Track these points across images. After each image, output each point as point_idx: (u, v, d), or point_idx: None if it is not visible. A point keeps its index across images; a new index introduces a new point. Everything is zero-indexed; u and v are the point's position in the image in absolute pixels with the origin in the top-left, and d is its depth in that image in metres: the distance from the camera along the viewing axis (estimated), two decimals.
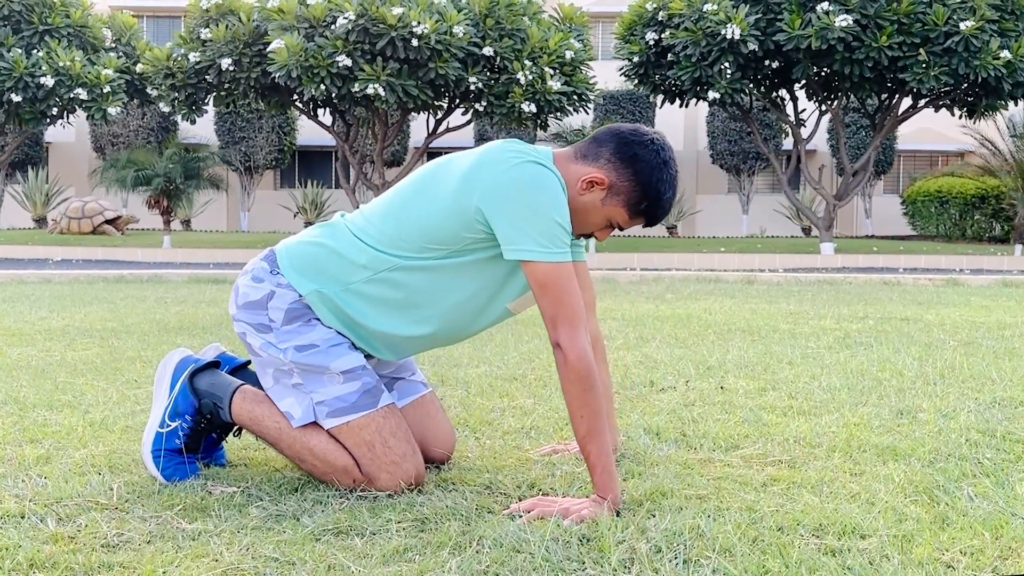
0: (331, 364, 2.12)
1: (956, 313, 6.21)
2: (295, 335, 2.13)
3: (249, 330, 2.18)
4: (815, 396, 3.19)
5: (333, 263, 2.15)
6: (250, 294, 2.18)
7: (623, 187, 2.09)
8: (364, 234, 2.14)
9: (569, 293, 1.99)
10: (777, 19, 13.03)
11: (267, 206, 23.34)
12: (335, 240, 2.17)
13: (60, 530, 1.83)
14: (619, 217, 2.12)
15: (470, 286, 2.13)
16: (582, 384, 1.97)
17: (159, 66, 14.14)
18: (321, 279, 2.15)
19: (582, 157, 2.12)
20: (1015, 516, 1.89)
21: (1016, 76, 12.88)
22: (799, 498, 2.02)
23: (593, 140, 2.13)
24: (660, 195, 2.10)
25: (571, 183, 2.08)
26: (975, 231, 18.47)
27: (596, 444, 1.96)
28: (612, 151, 2.09)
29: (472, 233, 2.05)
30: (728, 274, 10.68)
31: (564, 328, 1.98)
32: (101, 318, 5.77)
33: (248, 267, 2.24)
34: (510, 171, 1.99)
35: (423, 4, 12.82)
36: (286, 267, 2.18)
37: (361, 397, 2.11)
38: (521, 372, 3.71)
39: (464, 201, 2.02)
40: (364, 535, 1.82)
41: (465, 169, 2.05)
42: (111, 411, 2.93)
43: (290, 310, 2.15)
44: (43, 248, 14.93)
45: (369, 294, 2.14)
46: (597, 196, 2.09)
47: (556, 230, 1.99)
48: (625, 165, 2.09)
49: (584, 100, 14.62)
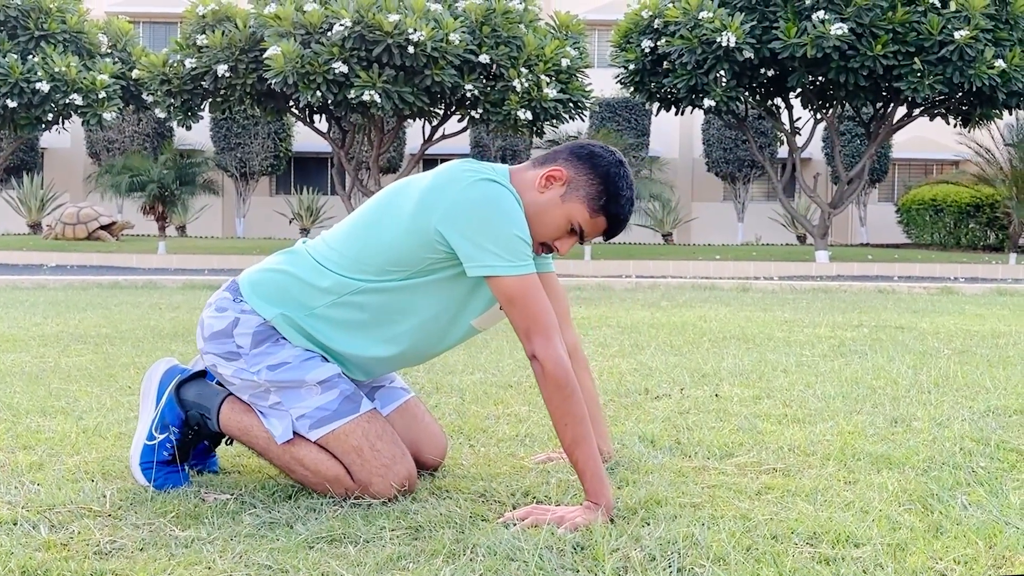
0: (306, 376, 2.12)
1: (951, 321, 6.22)
2: (265, 356, 2.13)
3: (219, 361, 2.17)
4: (810, 404, 3.19)
5: (296, 289, 2.16)
6: (215, 324, 2.18)
7: (582, 181, 2.11)
8: (326, 260, 2.16)
9: (537, 303, 2.00)
10: (773, 27, 13.07)
11: (263, 212, 23.33)
12: (297, 267, 2.18)
13: (53, 537, 1.82)
14: (579, 215, 2.12)
15: (434, 305, 2.15)
16: (561, 392, 1.97)
17: (155, 72, 14.14)
18: (285, 305, 2.16)
19: (539, 164, 2.16)
20: (1009, 525, 1.89)
21: (1010, 85, 12.92)
22: (793, 506, 2.02)
23: (549, 152, 2.19)
24: (619, 190, 2.12)
25: (529, 186, 2.11)
26: (970, 239, 18.51)
27: (583, 450, 1.97)
28: (568, 151, 2.16)
29: (433, 253, 2.07)
30: (723, 282, 10.69)
31: (538, 339, 1.99)
32: (95, 324, 5.76)
33: (211, 300, 2.25)
34: (465, 190, 2.02)
35: (419, 11, 12.84)
36: (249, 294, 2.18)
37: (342, 404, 2.11)
38: (516, 379, 3.71)
39: (422, 223, 2.04)
40: (358, 543, 1.81)
41: (422, 191, 2.07)
42: (105, 417, 2.92)
43: (257, 333, 2.15)
44: (38, 254, 14.90)
45: (334, 317, 2.15)
46: (556, 192, 2.11)
47: (516, 243, 2.01)
48: (582, 161, 2.13)
49: (580, 108, 14.64)
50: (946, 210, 18.66)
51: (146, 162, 16.93)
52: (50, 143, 22.82)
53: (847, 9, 12.58)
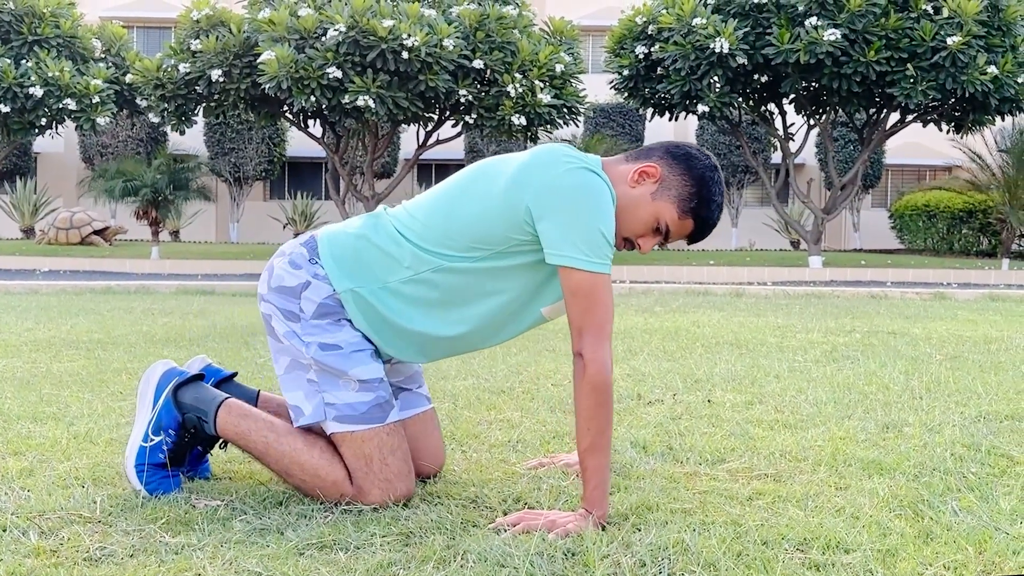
0: (350, 370, 2.10)
1: (943, 327, 6.24)
2: (322, 332, 2.11)
3: (276, 314, 2.15)
4: (802, 410, 3.19)
5: (374, 258, 2.12)
6: (285, 279, 2.15)
7: (675, 181, 2.09)
8: (408, 230, 2.12)
9: (601, 305, 1.98)
10: (766, 33, 13.10)
11: (257, 217, 23.31)
12: (378, 235, 2.14)
13: (42, 543, 1.82)
14: (668, 215, 2.09)
15: (509, 290, 2.11)
16: (597, 397, 1.95)
17: (149, 77, 14.12)
18: (360, 276, 2.12)
19: (633, 159, 2.14)
20: (999, 530, 1.90)
21: (1003, 91, 12.97)
22: (784, 512, 2.02)
23: (644, 148, 2.17)
24: (711, 194, 2.10)
25: (621, 179, 2.09)
26: (963, 245, 18.56)
27: (597, 459, 1.95)
28: (664, 149, 2.13)
29: (519, 234, 2.03)
30: (717, 287, 10.70)
31: (589, 338, 1.97)
32: (88, 329, 5.74)
33: (286, 249, 2.21)
34: (564, 175, 1.99)
35: (414, 17, 12.85)
36: (326, 257, 2.14)
37: (371, 409, 2.10)
38: (508, 385, 3.71)
39: (514, 200, 2.01)
40: (348, 549, 1.81)
41: (518, 167, 2.04)
42: (96, 423, 2.91)
43: (322, 305, 2.12)
44: (31, 259, 14.87)
45: (406, 293, 2.12)
46: (648, 189, 2.09)
47: (600, 240, 1.98)
48: (678, 161, 2.11)
49: (574, 113, 14.66)
50: (939, 216, 18.72)
51: (140, 167, 16.90)
52: (43, 148, 22.79)
53: (840, 15, 12.62)
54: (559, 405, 3.29)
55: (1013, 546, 1.81)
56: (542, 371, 4.09)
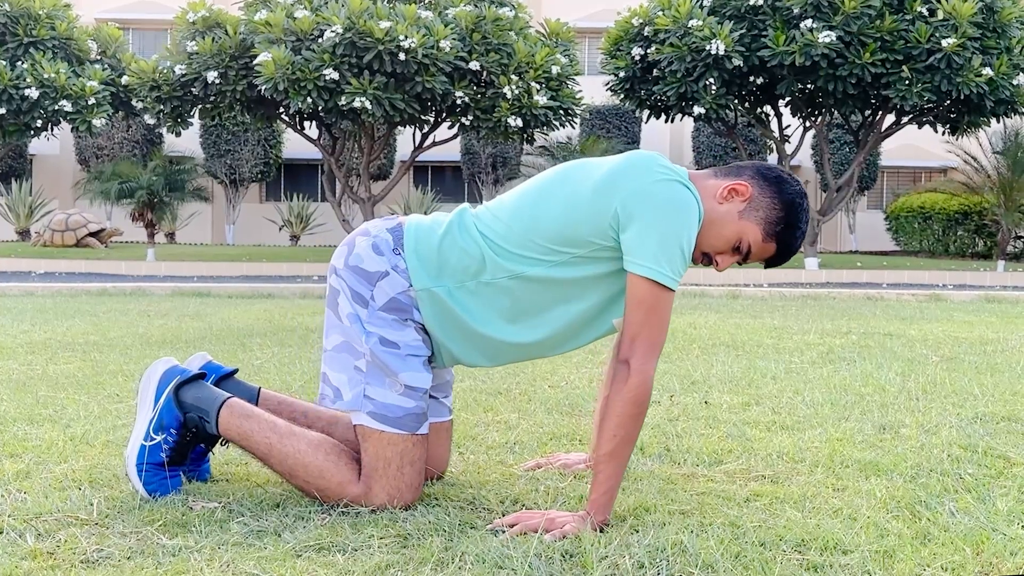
0: (401, 373, 2.09)
1: (939, 328, 6.24)
2: (386, 326, 2.10)
3: (346, 292, 2.13)
4: (798, 411, 3.20)
5: (455, 259, 2.10)
6: (364, 260, 2.13)
7: (764, 203, 2.07)
8: (491, 231, 2.10)
9: (661, 320, 1.97)
10: (761, 35, 13.13)
11: (253, 219, 23.28)
12: (462, 235, 2.12)
13: (39, 546, 1.81)
14: (752, 235, 2.07)
15: (585, 300, 2.10)
16: (633, 408, 1.94)
17: (145, 78, 14.11)
18: (439, 275, 2.11)
19: (723, 175, 2.11)
20: (996, 531, 1.90)
21: (998, 93, 13.00)
22: (782, 513, 2.02)
23: (734, 166, 2.15)
24: (798, 221, 2.09)
25: (709, 194, 2.07)
26: (958, 247, 18.59)
27: (612, 467, 1.95)
28: (756, 170, 2.11)
29: (602, 239, 2.01)
30: (713, 288, 10.71)
31: (641, 349, 1.96)
32: (83, 331, 5.73)
33: (371, 229, 2.18)
34: (658, 184, 1.97)
35: (410, 18, 12.85)
36: (411, 251, 2.13)
37: (407, 416, 2.09)
38: (506, 387, 3.71)
39: (603, 203, 1.99)
40: (346, 551, 1.81)
41: (609, 171, 2.02)
42: (92, 425, 2.91)
43: (395, 299, 2.11)
44: (26, 261, 14.84)
45: (483, 296, 2.10)
46: (736, 207, 2.07)
47: (678, 256, 1.96)
48: (769, 183, 2.09)
49: (570, 115, 14.67)
50: (935, 217, 18.75)
51: (135, 169, 16.86)
52: (39, 150, 22.75)
53: (835, 17, 12.65)
54: (556, 407, 3.29)
55: (1010, 547, 1.81)
56: (539, 373, 4.09)
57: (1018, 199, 16.03)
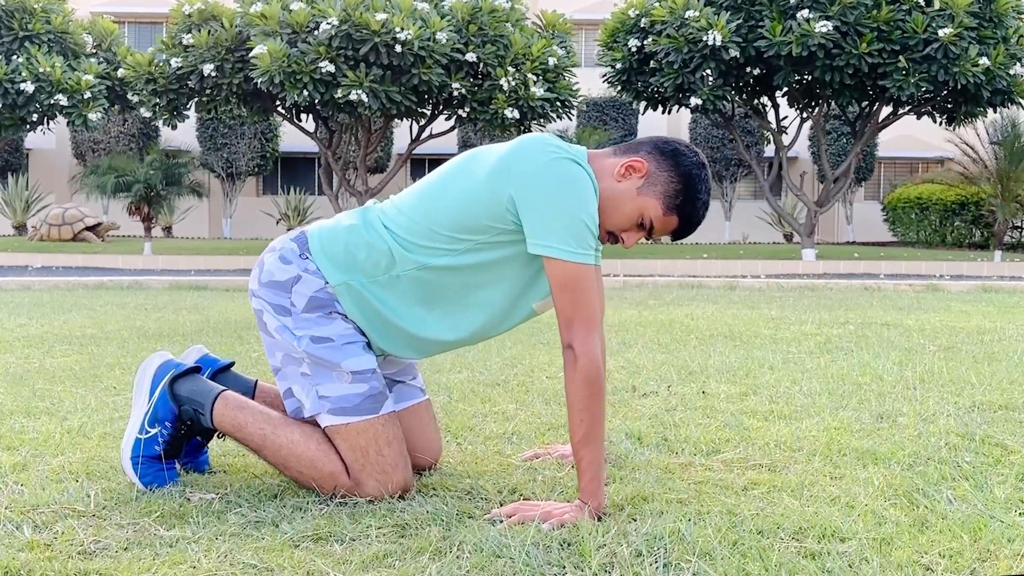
0: (343, 362, 2.10)
1: (936, 318, 6.25)
2: (313, 325, 2.11)
3: (268, 309, 2.15)
4: (796, 401, 3.20)
5: (363, 254, 2.12)
6: (275, 273, 2.15)
7: (662, 177, 2.08)
8: (395, 224, 2.12)
9: (588, 296, 1.98)
10: (758, 26, 13.10)
11: (249, 213, 23.26)
12: (367, 230, 2.13)
13: (36, 537, 1.81)
14: (652, 211, 2.09)
15: (496, 286, 2.12)
16: (589, 388, 1.95)
17: (140, 72, 14.07)
18: (351, 270, 2.12)
19: (621, 152, 2.13)
20: (993, 519, 1.90)
21: (995, 83, 12.99)
22: (779, 502, 2.03)
23: (632, 142, 2.16)
24: (697, 192, 2.10)
25: (607, 173, 2.08)
26: (955, 237, 18.60)
27: (591, 450, 1.95)
28: (652, 144, 2.12)
29: (501, 223, 2.03)
30: (710, 280, 10.71)
31: (579, 330, 1.97)
32: (81, 325, 5.73)
33: (276, 244, 2.21)
34: (548, 164, 1.98)
35: (406, 10, 12.82)
36: (317, 252, 2.14)
37: (365, 401, 2.09)
38: (503, 378, 3.71)
39: (498, 188, 2.01)
40: (344, 541, 1.80)
41: (501, 156, 2.03)
42: (89, 418, 2.91)
43: (313, 298, 2.12)
44: (23, 255, 14.82)
45: (396, 289, 2.12)
46: (634, 184, 2.08)
47: (583, 231, 1.98)
48: (665, 157, 2.10)
49: (567, 107, 14.65)
50: (931, 208, 18.76)
51: (132, 163, 16.84)
52: (35, 144, 22.70)
53: (831, 8, 12.63)
54: (554, 397, 3.29)
55: (1008, 534, 1.81)
56: (537, 363, 4.09)
57: (1015, 189, 16.03)
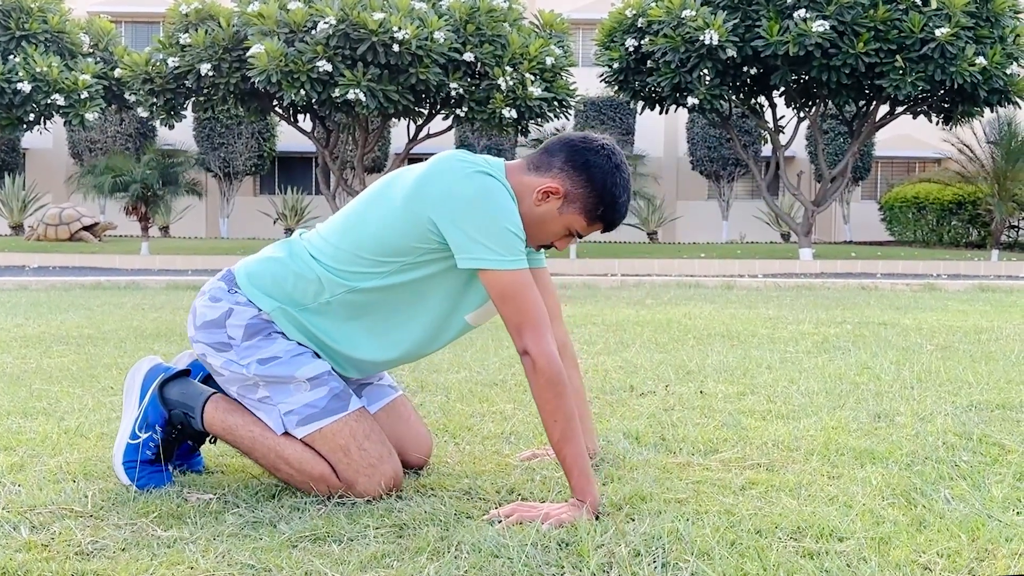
0: (296, 372, 2.11)
1: (933, 318, 6.26)
2: (255, 349, 2.12)
3: (208, 350, 2.16)
4: (793, 400, 3.20)
5: (290, 283, 2.14)
6: (207, 314, 2.17)
7: (578, 194, 2.09)
8: (320, 253, 2.14)
9: (529, 299, 1.99)
10: (755, 26, 13.11)
11: (247, 212, 23.23)
12: (293, 260, 2.16)
13: (34, 538, 1.81)
14: (577, 224, 2.12)
15: (427, 303, 2.14)
16: (553, 389, 1.97)
17: (138, 71, 14.06)
18: (282, 299, 2.14)
19: (535, 168, 2.12)
20: (991, 518, 1.90)
21: (992, 83, 13.00)
22: (777, 501, 2.03)
23: (544, 151, 2.14)
24: (615, 199, 2.11)
25: (525, 194, 2.09)
26: (952, 237, 18.62)
27: (571, 447, 1.96)
28: (564, 159, 2.10)
29: (424, 243, 2.05)
30: (708, 279, 10.72)
31: (529, 334, 1.98)
32: (78, 325, 5.72)
33: (205, 288, 2.23)
34: (460, 181, 2.00)
35: (404, 9, 12.81)
36: (245, 285, 2.17)
37: (331, 401, 2.10)
38: (501, 377, 3.71)
39: (416, 210, 2.03)
40: (342, 541, 1.80)
41: (416, 179, 2.05)
42: (86, 418, 2.90)
43: (249, 325, 2.13)
44: (20, 255, 14.79)
45: (329, 313, 2.14)
46: (554, 206, 2.10)
47: (509, 238, 1.99)
48: (578, 172, 2.09)
49: (565, 106, 14.65)
50: (928, 208, 18.77)
51: (129, 162, 16.83)
52: (32, 144, 22.66)
53: (828, 7, 12.63)
54: None
55: (1006, 533, 1.82)
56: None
57: (1012, 188, 16.06)
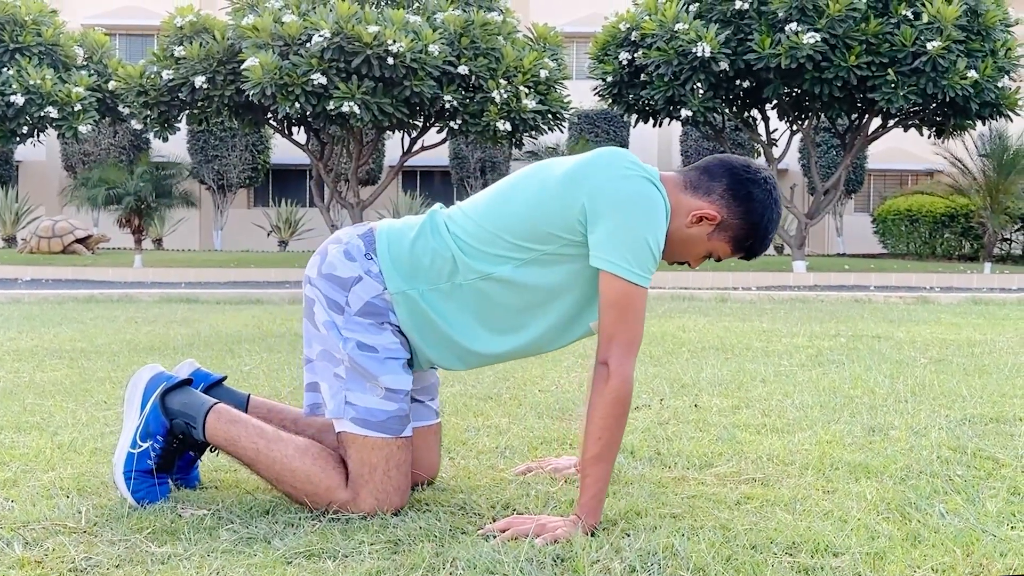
0: (381, 376, 2.08)
1: (927, 330, 6.27)
2: (363, 330, 2.09)
3: (321, 300, 2.13)
4: (788, 414, 3.20)
5: (428, 260, 2.10)
6: (337, 267, 2.13)
7: (733, 224, 2.08)
8: (461, 229, 2.10)
9: (636, 318, 1.97)
10: (747, 39, 13.17)
11: (240, 225, 23.21)
12: (434, 236, 2.11)
13: (27, 554, 1.80)
14: (721, 251, 2.12)
15: (555, 305, 2.10)
16: (616, 409, 1.95)
17: (132, 83, 14.06)
18: (413, 277, 2.10)
19: (692, 188, 2.09)
20: (986, 533, 1.91)
21: (983, 96, 13.07)
22: (772, 516, 2.03)
23: (705, 172, 2.11)
24: (767, 234, 2.11)
25: (679, 213, 2.07)
26: (945, 249, 18.68)
27: (600, 469, 1.94)
28: (726, 187, 2.08)
29: (568, 233, 2.01)
30: (702, 292, 10.73)
31: (618, 349, 1.97)
32: (71, 338, 5.70)
33: (343, 237, 2.18)
34: (624, 180, 1.98)
35: (398, 23, 12.85)
36: (383, 254, 2.12)
37: (390, 420, 2.08)
38: (496, 391, 3.71)
39: (570, 196, 1.99)
40: (336, 558, 1.80)
41: (577, 164, 2.03)
42: (80, 433, 2.89)
43: (369, 303, 2.10)
44: (12, 268, 14.75)
45: (456, 299, 2.10)
46: (705, 230, 2.08)
47: (647, 253, 1.97)
48: (738, 203, 2.07)
49: (559, 119, 14.69)
50: (921, 220, 18.83)
51: (122, 174, 16.80)
52: (25, 156, 22.64)
53: (820, 20, 12.71)
54: (547, 411, 3.29)
55: (1000, 548, 1.82)
56: (529, 376, 4.08)
57: (1004, 201, 16.12)
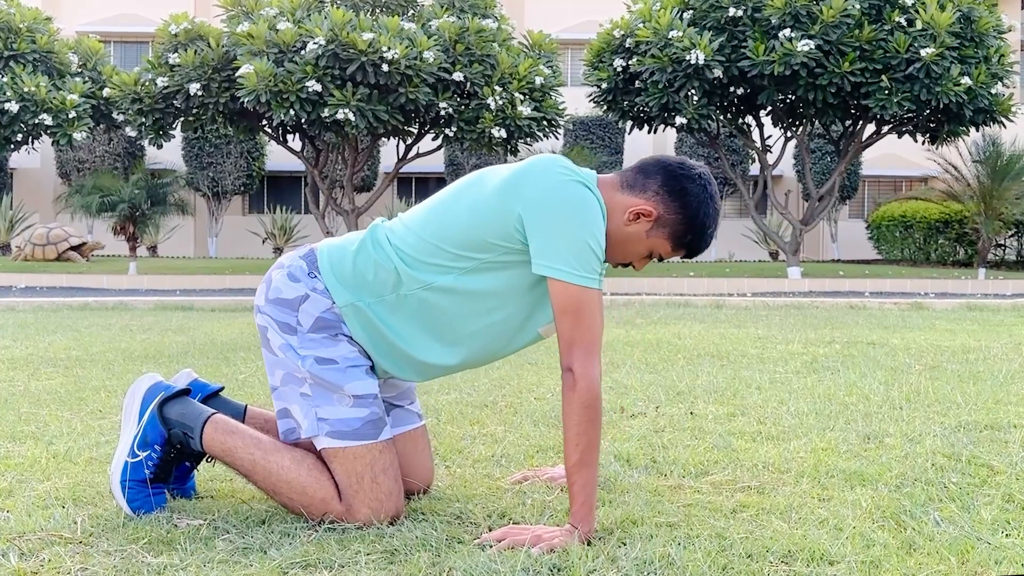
0: (345, 385, 2.09)
1: (921, 337, 6.28)
2: (318, 346, 2.11)
3: (273, 326, 2.15)
4: (783, 421, 3.21)
5: (371, 273, 2.12)
6: (283, 291, 2.15)
7: (670, 220, 2.10)
8: (402, 242, 2.12)
9: (591, 320, 1.98)
10: (741, 46, 13.20)
11: (235, 232, 23.19)
12: (375, 249, 2.13)
13: (22, 565, 1.79)
14: (662, 248, 2.13)
15: (501, 312, 2.11)
16: (587, 413, 1.96)
17: (126, 91, 14.05)
18: (358, 291, 2.12)
19: (628, 187, 2.11)
20: (981, 540, 1.91)
21: (977, 102, 13.11)
22: (768, 524, 2.03)
23: (640, 171, 2.13)
24: (705, 228, 2.12)
25: (616, 212, 2.09)
26: (939, 255, 18.72)
27: (585, 475, 1.95)
28: (660, 183, 2.10)
29: (506, 241, 2.03)
30: (697, 298, 10.74)
31: (579, 353, 1.97)
32: (65, 347, 5.69)
33: (285, 261, 2.21)
34: (557, 187, 1.99)
35: (393, 30, 12.86)
36: (326, 271, 2.15)
37: (364, 426, 2.09)
38: (492, 399, 3.71)
39: (506, 204, 2.01)
40: (332, 568, 1.80)
41: (512, 172, 2.05)
42: (75, 442, 2.88)
43: (320, 319, 2.12)
44: (7, 275, 14.72)
45: (402, 311, 2.12)
46: (643, 227, 2.10)
47: (589, 255, 1.98)
48: (673, 198, 2.09)
49: (554, 126, 14.70)
50: (916, 226, 18.88)
51: (117, 182, 16.78)
52: (19, 163, 22.61)
53: (813, 27, 12.74)
54: (543, 419, 3.29)
55: (995, 555, 1.82)
56: (525, 384, 4.08)
57: (998, 207, 16.16)
